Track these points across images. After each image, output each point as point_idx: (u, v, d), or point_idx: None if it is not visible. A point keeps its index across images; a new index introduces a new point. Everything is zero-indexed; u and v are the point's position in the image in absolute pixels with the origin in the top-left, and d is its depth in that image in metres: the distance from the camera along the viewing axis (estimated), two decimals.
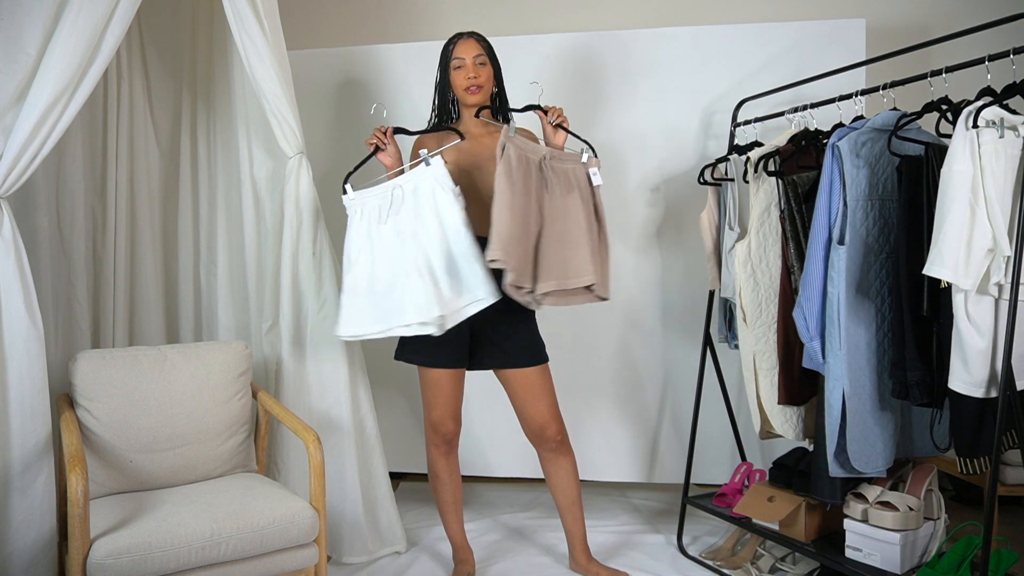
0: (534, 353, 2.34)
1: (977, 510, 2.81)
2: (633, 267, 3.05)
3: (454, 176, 2.16)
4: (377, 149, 2.26)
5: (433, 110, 2.40)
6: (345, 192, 2.22)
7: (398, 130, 2.28)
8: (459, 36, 2.32)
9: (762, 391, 2.38)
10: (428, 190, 2.11)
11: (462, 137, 2.21)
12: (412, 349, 2.31)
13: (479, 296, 2.07)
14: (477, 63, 2.27)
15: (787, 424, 2.35)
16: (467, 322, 2.24)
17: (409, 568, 2.57)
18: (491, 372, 2.38)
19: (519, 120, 2.26)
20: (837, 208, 1.98)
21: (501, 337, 2.30)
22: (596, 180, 2.24)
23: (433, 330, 2.07)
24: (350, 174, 2.27)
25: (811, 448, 2.32)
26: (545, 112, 2.27)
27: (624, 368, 3.10)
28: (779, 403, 2.33)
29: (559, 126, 2.26)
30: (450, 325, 2.08)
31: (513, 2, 3.52)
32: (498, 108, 2.38)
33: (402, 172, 2.20)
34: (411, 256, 2.11)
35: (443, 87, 2.35)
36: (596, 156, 2.27)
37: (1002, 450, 1.85)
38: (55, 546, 2.01)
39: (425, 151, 2.14)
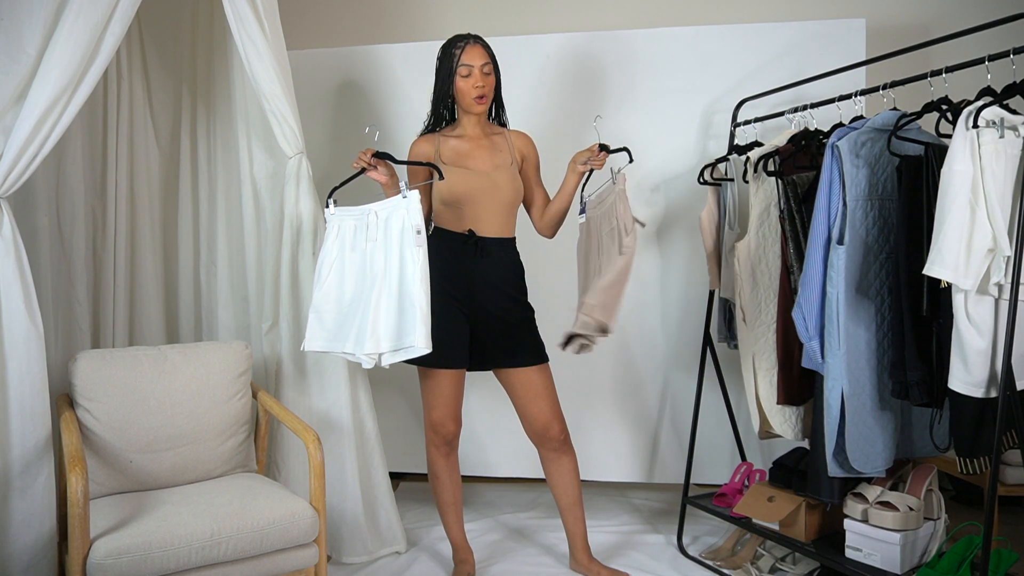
0: (535, 352, 2.34)
1: (977, 510, 2.81)
2: (633, 267, 3.04)
3: (447, 177, 2.23)
4: (364, 170, 2.23)
5: (432, 113, 2.39)
6: (327, 206, 2.26)
7: (381, 154, 2.22)
8: (465, 41, 2.28)
9: (761, 391, 2.38)
10: (398, 225, 2.11)
11: (440, 176, 2.21)
12: None
13: (413, 344, 2.06)
14: (484, 72, 2.26)
15: (786, 424, 2.35)
16: (468, 322, 2.29)
17: (409, 568, 2.57)
18: (491, 372, 2.38)
19: (516, 125, 2.34)
20: (837, 208, 1.98)
21: (502, 337, 2.31)
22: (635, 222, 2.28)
23: (365, 363, 2.11)
24: (335, 189, 2.27)
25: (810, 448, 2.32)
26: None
27: (624, 368, 3.10)
28: (778, 403, 2.33)
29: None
30: (384, 364, 2.10)
31: (513, 2, 3.52)
32: (495, 113, 2.42)
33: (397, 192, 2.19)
34: (368, 286, 2.14)
35: (444, 90, 2.32)
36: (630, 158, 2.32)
37: (1002, 450, 1.85)
38: (55, 546, 2.01)
39: (404, 184, 2.14)
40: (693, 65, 2.96)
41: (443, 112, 2.37)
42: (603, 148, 2.27)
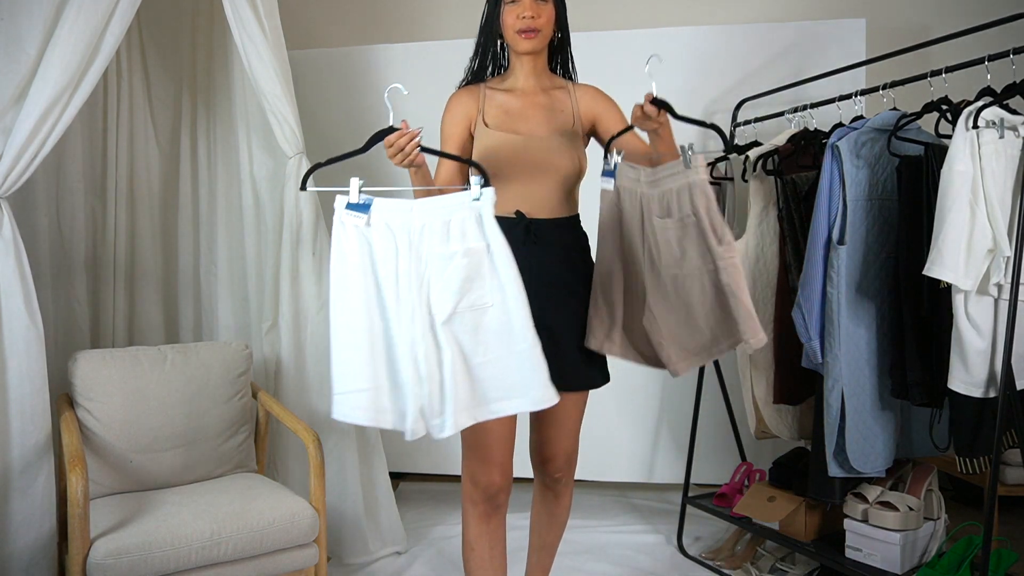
0: (599, 372, 1.84)
1: (977, 510, 2.81)
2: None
3: (488, 142, 1.72)
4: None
5: (474, 56, 1.85)
6: (340, 202, 1.53)
7: (424, 149, 1.61)
8: None
9: (757, 390, 2.38)
10: (476, 236, 1.49)
11: (485, 180, 1.52)
12: None
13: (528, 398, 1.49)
14: None
15: (781, 424, 2.35)
16: None
17: (409, 568, 2.57)
18: None
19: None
20: (837, 208, 1.98)
21: (568, 348, 1.73)
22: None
23: (405, 435, 1.50)
24: (319, 166, 1.65)
25: (809, 448, 2.32)
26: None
27: (624, 368, 3.09)
28: (774, 402, 2.33)
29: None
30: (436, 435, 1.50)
31: None
32: (560, 61, 1.88)
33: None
34: (416, 319, 1.49)
35: (489, 27, 1.79)
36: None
37: (1002, 450, 1.85)
38: (55, 546, 2.01)
39: (477, 179, 1.51)
40: (693, 65, 2.96)
41: (488, 57, 1.84)
42: (658, 104, 1.61)
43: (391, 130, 1.55)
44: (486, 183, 1.51)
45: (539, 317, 1.50)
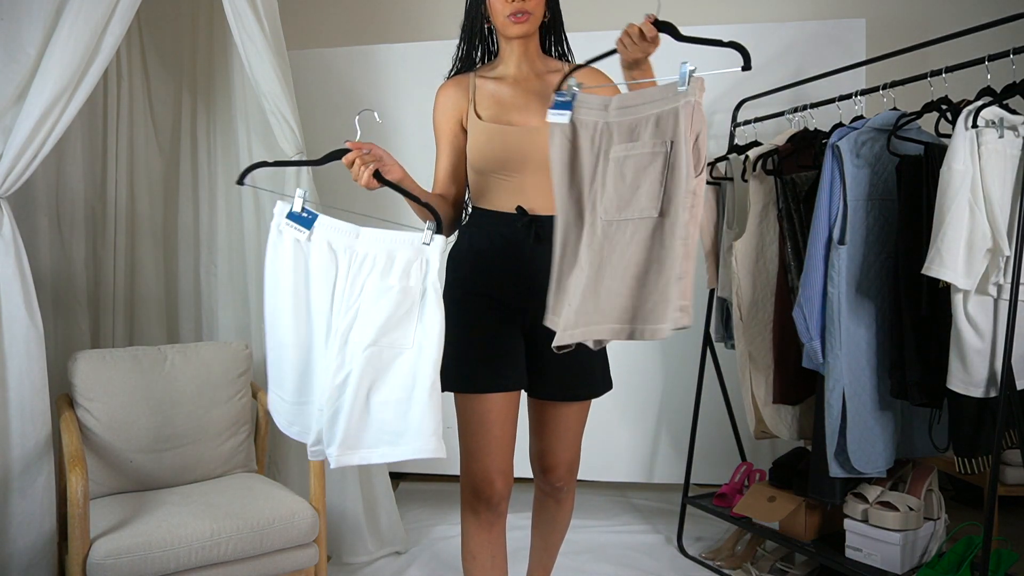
0: (602, 381, 1.77)
1: (977, 510, 2.81)
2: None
3: (481, 136, 1.64)
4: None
5: (460, 43, 1.75)
6: (286, 205, 1.50)
7: (382, 179, 1.53)
8: None
9: (756, 390, 2.38)
10: (418, 276, 1.44)
11: (437, 227, 1.45)
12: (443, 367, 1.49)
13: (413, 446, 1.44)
14: None
15: (781, 424, 2.35)
16: (523, 334, 1.68)
17: (409, 568, 2.57)
18: None
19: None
20: (837, 208, 1.98)
21: (569, 357, 1.49)
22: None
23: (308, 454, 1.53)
24: (263, 165, 1.63)
25: (808, 448, 2.32)
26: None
27: (624, 368, 3.09)
28: (774, 402, 2.33)
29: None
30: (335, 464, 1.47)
31: None
32: (553, 41, 1.75)
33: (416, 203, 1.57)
34: (336, 346, 1.45)
35: (474, 10, 1.70)
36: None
37: (1002, 450, 1.85)
38: (55, 546, 2.01)
39: (430, 226, 1.45)
40: (693, 65, 2.95)
41: (476, 44, 1.73)
42: (660, 26, 1.47)
43: (347, 150, 1.51)
44: (438, 230, 1.45)
45: (542, 322, 1.45)
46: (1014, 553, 2.04)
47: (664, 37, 1.52)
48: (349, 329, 1.45)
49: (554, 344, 1.37)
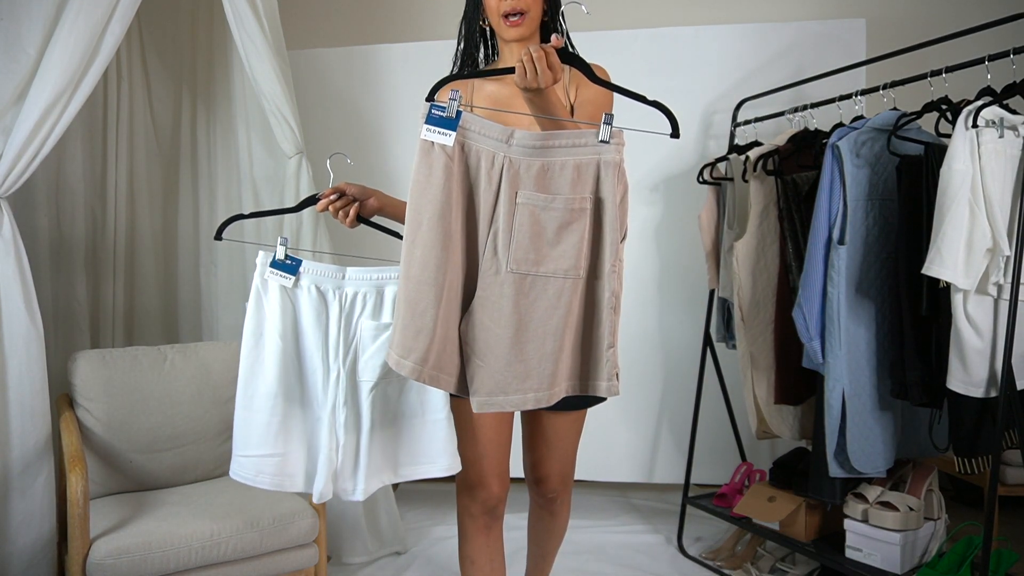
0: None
1: (977, 510, 2.81)
2: (632, 266, 3.05)
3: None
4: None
5: (458, 44, 1.72)
6: (268, 260, 1.51)
7: (362, 220, 1.59)
8: None
9: (758, 390, 2.38)
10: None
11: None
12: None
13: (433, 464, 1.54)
14: None
15: (783, 424, 2.35)
16: None
17: (409, 568, 2.57)
18: None
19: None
20: (837, 208, 1.98)
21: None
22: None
23: (314, 497, 1.54)
24: (240, 218, 1.72)
25: (809, 448, 2.32)
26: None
27: (624, 368, 3.08)
28: (775, 402, 2.33)
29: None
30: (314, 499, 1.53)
31: None
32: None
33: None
34: (341, 386, 1.50)
35: (472, 13, 1.68)
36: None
37: (1002, 450, 1.85)
38: (55, 546, 2.01)
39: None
40: (693, 65, 2.96)
41: (475, 44, 1.72)
42: (564, 55, 1.36)
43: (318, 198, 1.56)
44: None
45: None
46: (1014, 553, 2.04)
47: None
48: (352, 369, 1.50)
49: (477, 410, 1.35)
